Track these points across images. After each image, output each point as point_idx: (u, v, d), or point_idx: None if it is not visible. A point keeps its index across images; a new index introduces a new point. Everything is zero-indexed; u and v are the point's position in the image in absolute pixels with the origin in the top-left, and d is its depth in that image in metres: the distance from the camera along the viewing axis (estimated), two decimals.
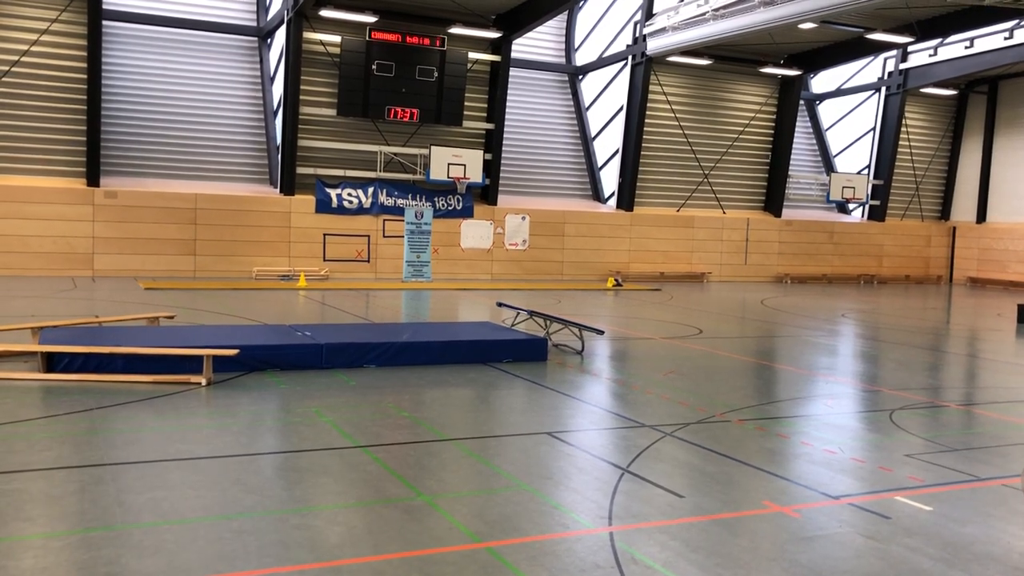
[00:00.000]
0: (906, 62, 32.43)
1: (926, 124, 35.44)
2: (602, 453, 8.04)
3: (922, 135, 35.36)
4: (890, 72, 33.14)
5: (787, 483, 7.22)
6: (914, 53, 32.07)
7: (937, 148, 35.72)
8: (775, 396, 11.43)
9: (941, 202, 36.18)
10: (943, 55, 31.00)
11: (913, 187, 35.31)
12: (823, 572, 5.35)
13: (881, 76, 33.51)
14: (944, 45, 30.80)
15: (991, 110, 34.53)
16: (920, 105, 34.88)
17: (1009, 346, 17.60)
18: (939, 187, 36.09)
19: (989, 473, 7.63)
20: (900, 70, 32.66)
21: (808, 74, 32.54)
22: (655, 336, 16.10)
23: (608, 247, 29.49)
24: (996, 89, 34.24)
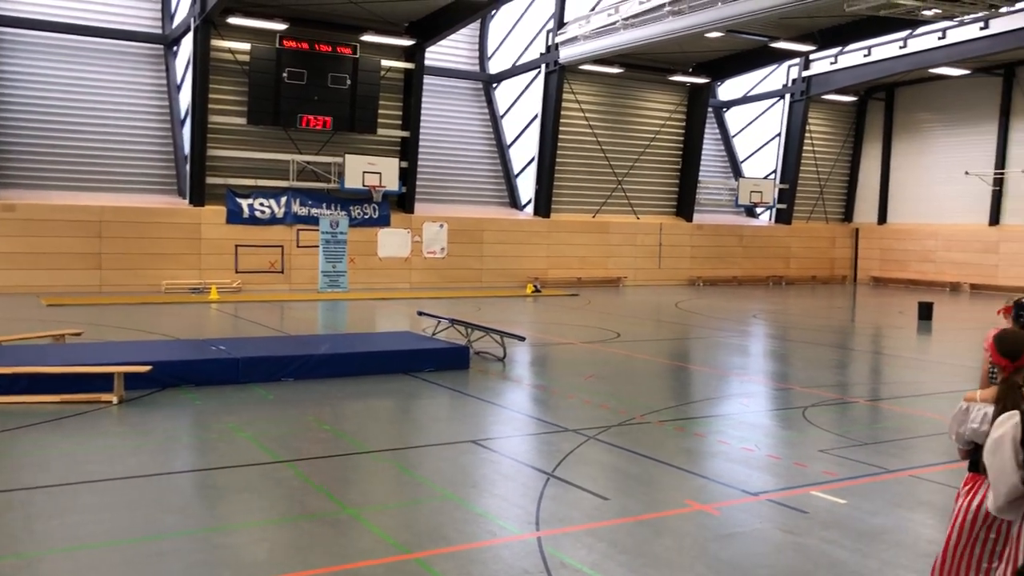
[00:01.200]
0: (808, 70, 33.56)
1: (828, 130, 36.73)
2: (527, 459, 8.08)
3: (825, 140, 36.64)
4: (794, 80, 34.26)
5: (707, 482, 7.39)
6: (816, 61, 33.21)
7: (839, 153, 37.06)
8: (692, 397, 11.68)
9: (844, 205, 37.52)
10: (843, 63, 32.19)
11: (817, 191, 36.54)
12: (744, 568, 5.48)
13: (785, 83, 34.60)
14: (844, 53, 31.99)
15: (889, 116, 35.99)
16: (822, 111, 36.14)
17: (911, 342, 18.36)
18: (842, 190, 37.43)
19: (897, 465, 7.95)
20: (803, 78, 33.78)
21: (716, 82, 33.38)
22: (575, 341, 16.27)
23: (526, 253, 29.66)
24: (893, 96, 35.72)
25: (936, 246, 33.29)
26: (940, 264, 33.00)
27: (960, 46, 27.61)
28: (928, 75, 31.82)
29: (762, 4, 21.13)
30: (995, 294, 29.38)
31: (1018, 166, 30.64)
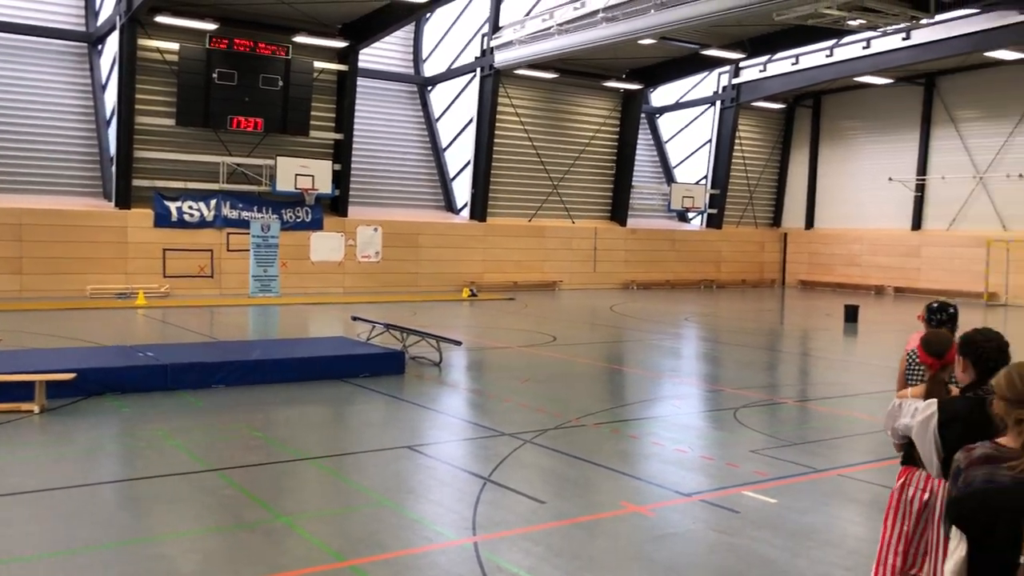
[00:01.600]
0: (739, 77, 34.21)
1: (758, 136, 37.50)
2: (463, 464, 8.05)
3: (754, 146, 37.39)
4: (724, 87, 34.88)
5: (642, 483, 7.46)
6: (746, 69, 33.88)
7: (768, 159, 37.86)
8: (627, 399, 11.79)
9: (773, 210, 38.34)
10: (772, 71, 32.89)
11: (747, 196, 37.27)
12: (679, 569, 5.55)
13: (716, 90, 35.21)
14: (773, 62, 32.69)
15: (815, 123, 36.91)
16: (752, 118, 36.87)
17: (838, 344, 18.84)
18: (771, 196, 38.25)
19: (825, 464, 8.14)
20: (733, 85, 34.42)
21: (648, 88, 33.80)
22: (511, 345, 16.29)
23: (462, 258, 29.61)
24: (820, 103, 36.63)
25: (861, 250, 34.23)
26: (865, 268, 33.94)
27: (884, 56, 28.45)
28: (853, 83, 32.72)
29: (693, 12, 21.48)
30: (917, 297, 30.35)
31: (938, 173, 31.71)
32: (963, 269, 30.11)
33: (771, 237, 37.57)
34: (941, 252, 31.31)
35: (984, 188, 30.33)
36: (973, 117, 30.84)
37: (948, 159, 31.41)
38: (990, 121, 30.26)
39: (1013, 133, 29.48)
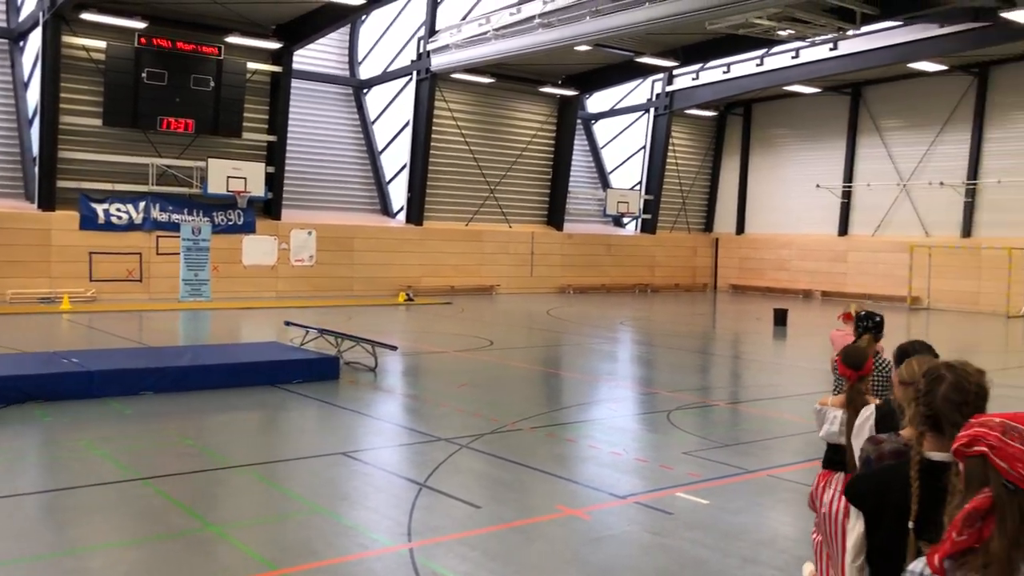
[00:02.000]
0: (672, 85, 34.71)
1: (691, 143, 38.09)
2: (399, 469, 8.00)
3: (687, 153, 37.97)
4: (658, 94, 35.36)
5: (578, 486, 7.50)
6: (679, 76, 34.38)
7: (700, 165, 38.49)
8: (564, 402, 11.85)
9: (705, 215, 38.98)
10: (704, 79, 33.46)
11: (680, 202, 37.81)
12: (613, 571, 5.59)
13: (650, 97, 35.67)
14: (705, 70, 33.25)
15: (746, 131, 37.65)
16: (685, 125, 37.44)
17: (767, 347, 19.23)
18: (703, 202, 38.88)
19: (756, 465, 8.29)
20: (667, 92, 34.90)
21: (584, 94, 34.09)
22: (448, 349, 16.24)
23: (399, 262, 29.43)
24: (750, 111, 37.37)
25: (790, 255, 35.01)
26: (794, 272, 34.72)
27: (812, 65, 29.17)
28: (782, 92, 33.46)
29: (627, 20, 21.73)
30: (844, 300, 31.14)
31: (864, 180, 32.62)
32: (887, 274, 31.02)
33: (703, 242, 38.19)
34: (866, 257, 32.20)
35: (907, 195, 31.30)
36: (897, 126, 31.81)
37: (873, 167, 32.34)
38: (913, 130, 31.25)
39: (934, 142, 30.49)
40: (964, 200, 29.58)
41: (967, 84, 29.47)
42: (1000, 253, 27.51)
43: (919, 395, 2.59)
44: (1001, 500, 1.75)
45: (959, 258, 29.13)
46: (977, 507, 1.77)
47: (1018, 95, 28.42)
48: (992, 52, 27.31)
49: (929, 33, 25.49)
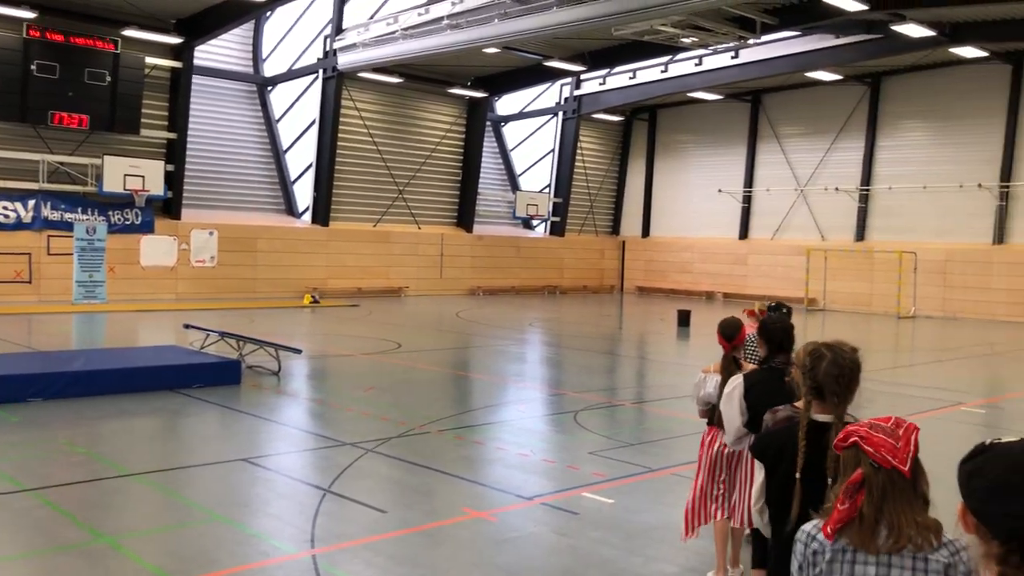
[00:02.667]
0: (580, 89, 35.12)
1: (598, 147, 38.61)
2: (302, 475, 7.84)
3: (595, 157, 38.47)
4: (566, 98, 35.71)
5: (485, 488, 7.49)
6: (587, 81, 34.82)
7: (608, 169, 39.05)
8: (472, 405, 11.84)
9: (612, 218, 39.56)
10: (611, 84, 33.95)
11: (588, 205, 38.29)
12: (519, 572, 5.60)
13: (558, 101, 36.01)
14: (612, 75, 33.75)
15: (652, 136, 38.38)
16: (593, 129, 37.93)
17: (672, 347, 19.63)
18: (610, 205, 39.46)
19: (660, 464, 8.43)
20: (575, 96, 35.30)
21: (493, 96, 34.17)
22: (354, 352, 16.03)
23: (304, 263, 28.91)
24: (656, 116, 38.11)
25: (693, 258, 35.83)
26: (696, 275, 35.55)
27: (714, 73, 29.94)
28: (686, 98, 34.24)
29: (535, 24, 21.88)
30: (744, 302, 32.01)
31: (763, 185, 33.63)
32: (786, 276, 32.05)
33: (611, 245, 38.75)
34: (766, 260, 33.21)
35: (804, 200, 32.41)
36: (795, 133, 32.92)
37: (772, 172, 33.38)
38: (810, 137, 32.39)
39: (830, 149, 31.66)
40: (858, 205, 30.80)
41: (861, 93, 30.71)
42: (891, 256, 28.75)
43: (805, 370, 3.17)
44: (869, 476, 2.29)
45: (853, 261, 30.31)
46: (852, 481, 2.30)
47: (907, 105, 29.77)
48: (884, 63, 28.55)
49: (825, 44, 26.49)
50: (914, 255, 28.35)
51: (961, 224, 28.23)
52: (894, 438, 2.29)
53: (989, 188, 27.55)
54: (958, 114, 28.47)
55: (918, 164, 29.26)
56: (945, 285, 28.21)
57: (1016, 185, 27.15)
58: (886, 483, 2.27)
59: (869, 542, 2.26)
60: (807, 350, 3.24)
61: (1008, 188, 27.23)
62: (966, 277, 27.75)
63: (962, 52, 25.15)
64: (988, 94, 27.73)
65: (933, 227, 28.84)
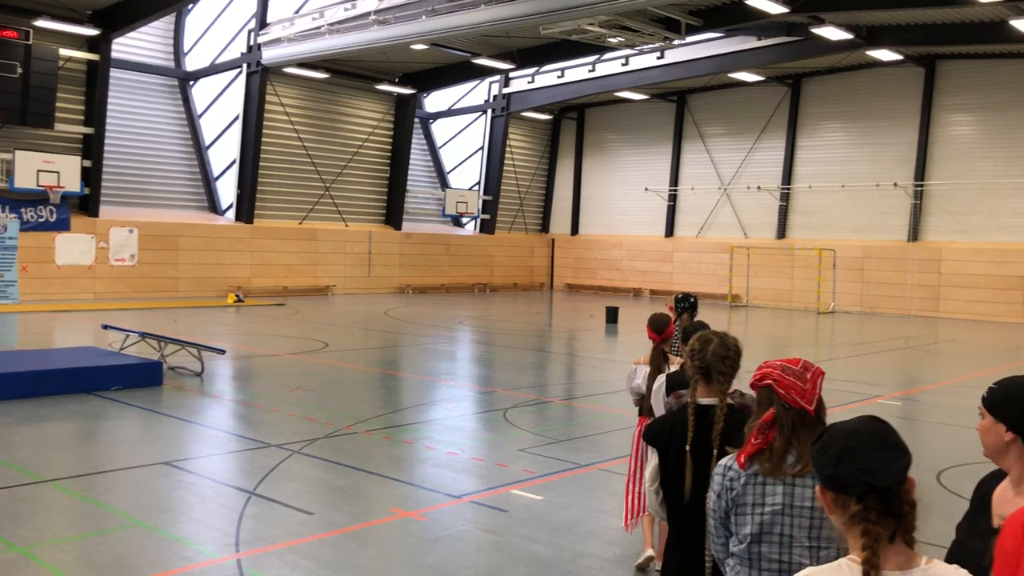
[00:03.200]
0: (509, 87, 35.17)
1: (528, 145, 38.74)
2: (227, 478, 7.68)
3: (524, 155, 38.59)
4: (495, 96, 35.73)
5: (413, 488, 7.45)
6: (515, 79, 34.90)
7: (537, 167, 39.21)
8: (401, 404, 11.75)
9: (542, 216, 39.75)
10: (540, 83, 34.10)
11: (518, 202, 38.40)
12: (448, 571, 5.58)
13: (487, 99, 36.02)
14: (540, 74, 33.90)
15: (580, 134, 38.68)
16: (522, 127, 38.04)
17: (600, 344, 19.81)
18: (540, 203, 39.64)
19: (589, 460, 8.50)
20: (504, 94, 35.34)
21: (422, 93, 33.99)
22: (280, 352, 15.77)
23: (228, 261, 28.33)
24: (584, 115, 38.42)
25: (621, 256, 36.25)
26: (624, 272, 35.97)
27: (640, 73, 30.32)
28: (614, 98, 34.60)
29: (463, 21, 21.83)
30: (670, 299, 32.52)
31: (688, 184, 34.19)
32: (710, 273, 32.66)
33: (540, 242, 38.93)
34: (691, 257, 33.78)
35: (728, 199, 33.06)
36: (718, 133, 33.54)
37: (697, 171, 33.96)
38: (733, 137, 33.05)
39: (752, 149, 32.35)
40: (779, 204, 31.55)
41: (782, 94, 31.45)
42: (811, 254, 29.52)
43: (694, 354, 3.40)
44: (780, 414, 2.61)
45: (774, 258, 31.04)
46: (765, 419, 2.62)
47: (826, 106, 30.61)
48: (804, 65, 29.31)
49: (748, 45, 27.07)
50: (833, 252, 29.18)
51: (877, 222, 29.15)
52: (803, 381, 2.61)
53: (904, 187, 28.51)
54: (874, 115, 29.39)
55: (836, 164, 30.11)
56: (862, 281, 29.10)
57: (929, 184, 28.16)
58: (795, 420, 2.60)
59: (778, 469, 2.59)
60: (696, 337, 3.50)
61: (922, 187, 28.22)
62: (882, 273, 28.67)
63: (878, 55, 25.95)
64: (903, 96, 28.69)
65: (851, 225, 29.72)
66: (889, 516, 1.86)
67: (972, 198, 27.31)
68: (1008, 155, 26.64)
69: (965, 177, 27.35)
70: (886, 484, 1.86)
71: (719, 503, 2.71)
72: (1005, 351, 16.99)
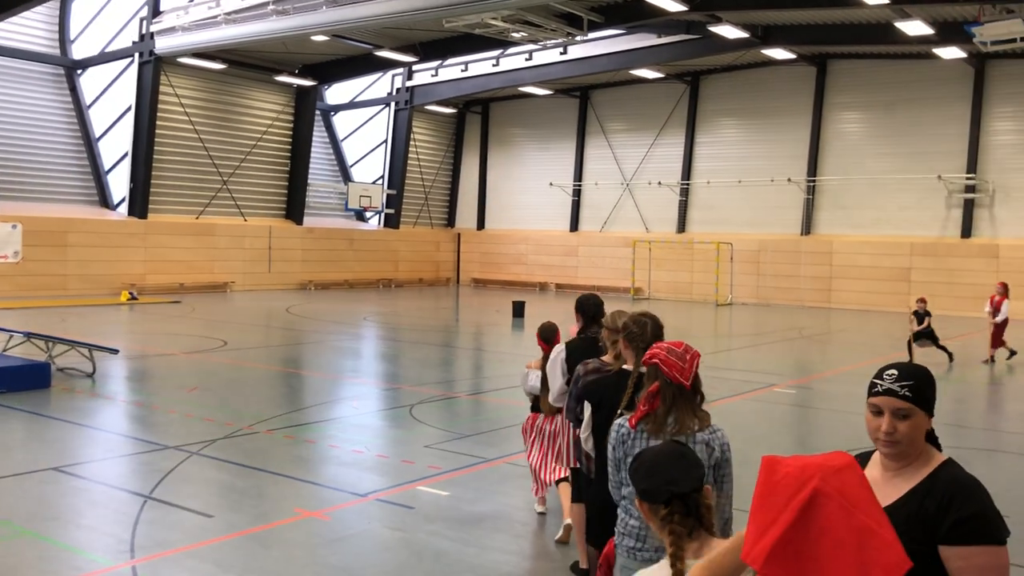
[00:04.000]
0: (412, 80, 34.91)
1: (432, 139, 38.53)
2: (120, 482, 7.39)
3: (429, 149, 38.37)
4: (398, 88, 35.41)
5: (317, 487, 7.32)
6: (419, 72, 34.66)
7: (442, 161, 39.05)
8: (303, 403, 11.54)
9: (448, 211, 39.62)
10: (444, 76, 33.96)
11: (423, 197, 38.16)
12: (354, 570, 5.50)
13: (390, 92, 35.66)
14: (444, 67, 33.75)
15: (485, 129, 38.68)
16: (426, 121, 37.81)
17: (507, 338, 19.89)
18: (445, 197, 39.49)
19: (495, 454, 8.51)
20: (407, 87, 35.05)
21: (323, 85, 33.41)
22: (177, 352, 15.28)
23: (120, 258, 27.26)
24: (488, 110, 38.44)
25: (527, 250, 36.45)
26: (530, 266, 36.19)
27: (544, 68, 30.52)
28: (518, 93, 34.72)
29: (365, 12, 21.55)
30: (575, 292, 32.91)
31: (592, 179, 34.62)
32: (613, 267, 33.16)
33: (446, 237, 38.81)
34: (595, 252, 34.23)
35: (630, 194, 33.62)
36: (621, 129, 34.06)
37: (600, 167, 34.41)
38: (635, 133, 33.61)
39: (653, 145, 32.98)
40: (679, 199, 32.26)
41: (681, 91, 32.14)
42: (709, 247, 30.30)
43: (633, 334, 4.02)
44: (663, 388, 3.26)
45: (675, 252, 31.74)
46: (651, 391, 3.27)
47: (723, 103, 31.43)
48: (702, 63, 30.02)
49: (648, 43, 27.55)
50: (730, 246, 30.01)
51: (772, 216, 30.12)
52: (683, 361, 3.25)
53: (797, 182, 29.52)
54: (769, 113, 30.34)
55: (733, 160, 30.96)
56: (759, 274, 30.03)
57: (821, 180, 29.23)
58: (675, 393, 3.25)
59: (660, 430, 3.25)
60: (632, 318, 4.12)
61: (814, 182, 29.28)
62: (777, 266, 29.65)
63: (772, 54, 26.78)
64: (796, 94, 29.70)
65: (747, 219, 30.61)
66: (690, 517, 2.25)
67: (861, 193, 28.48)
68: (894, 152, 27.88)
69: (854, 173, 28.50)
70: (686, 490, 2.27)
71: (615, 453, 3.38)
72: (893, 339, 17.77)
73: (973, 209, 26.87)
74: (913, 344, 15.52)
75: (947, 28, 22.30)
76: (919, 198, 27.55)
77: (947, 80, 26.99)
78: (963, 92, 26.88)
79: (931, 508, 2.23)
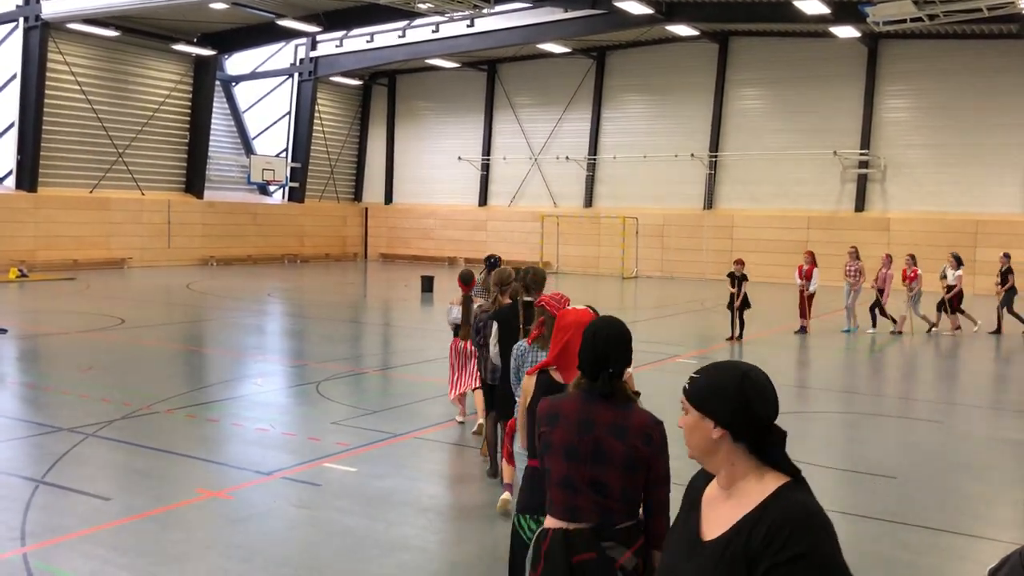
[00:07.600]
0: (316, 51, 34.13)
1: (337, 111, 37.79)
2: (10, 467, 7.08)
3: (334, 121, 37.64)
4: (302, 59, 34.57)
5: (220, 467, 7.17)
6: (323, 43, 33.88)
7: (348, 134, 38.37)
8: (205, 381, 11.26)
9: (354, 185, 39.01)
10: (348, 47, 33.28)
11: (329, 170, 37.47)
12: (258, 549, 5.41)
13: (294, 62, 34.78)
14: (349, 38, 33.08)
15: (391, 101, 38.13)
16: (331, 93, 37.04)
17: (416, 313, 19.80)
18: (352, 171, 38.86)
19: (403, 429, 8.48)
20: (311, 58, 34.26)
21: (223, 55, 32.36)
22: (70, 330, 14.69)
23: (8, 233, 25.96)
24: (395, 82, 37.89)
25: (435, 225, 36.25)
26: (439, 241, 36.02)
27: (450, 40, 30.24)
28: (425, 65, 34.32)
29: None
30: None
31: (501, 153, 34.58)
32: (522, 241, 33.28)
33: (353, 211, 38.27)
34: (504, 226, 34.28)
35: (538, 169, 33.73)
36: (528, 103, 34.07)
37: (509, 141, 34.39)
38: (542, 108, 33.67)
39: (561, 120, 33.11)
40: (586, 174, 32.54)
41: (588, 66, 32.31)
42: (615, 222, 30.69)
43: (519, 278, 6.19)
44: (547, 319, 4.43)
45: (582, 226, 32.05)
46: (540, 321, 4.60)
47: (628, 78, 31.75)
48: (608, 38, 30.22)
49: (555, 17, 27.56)
50: (636, 220, 30.46)
51: (676, 191, 30.67)
52: (560, 303, 4.44)
53: (700, 158, 30.12)
54: (673, 89, 30.79)
55: (638, 135, 31.36)
56: (663, 248, 30.60)
57: (723, 155, 29.88)
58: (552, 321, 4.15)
59: (545, 345, 4.41)
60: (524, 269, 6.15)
61: (716, 158, 29.92)
62: (680, 240, 30.26)
63: (676, 30, 27.14)
64: (699, 71, 30.20)
65: (652, 194, 31.11)
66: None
67: (761, 168, 29.25)
68: (791, 128, 28.69)
69: (754, 148, 29.23)
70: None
71: (515, 363, 4.78)
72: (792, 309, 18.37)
73: (866, 184, 27.92)
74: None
75: (843, 7, 22.98)
76: (816, 173, 28.46)
77: (842, 58, 27.86)
78: (857, 70, 27.80)
79: (756, 543, 1.89)
